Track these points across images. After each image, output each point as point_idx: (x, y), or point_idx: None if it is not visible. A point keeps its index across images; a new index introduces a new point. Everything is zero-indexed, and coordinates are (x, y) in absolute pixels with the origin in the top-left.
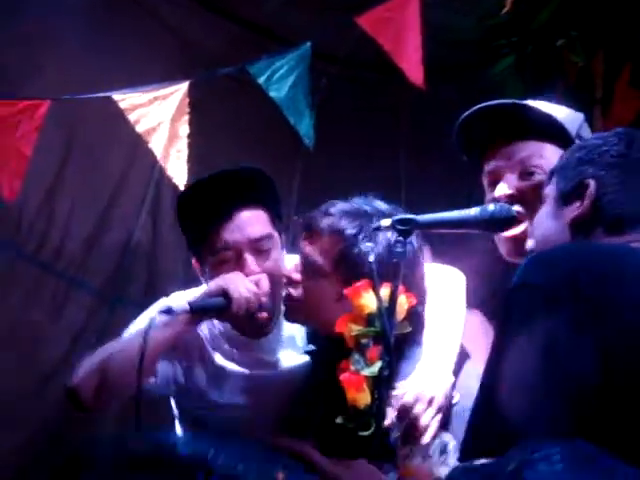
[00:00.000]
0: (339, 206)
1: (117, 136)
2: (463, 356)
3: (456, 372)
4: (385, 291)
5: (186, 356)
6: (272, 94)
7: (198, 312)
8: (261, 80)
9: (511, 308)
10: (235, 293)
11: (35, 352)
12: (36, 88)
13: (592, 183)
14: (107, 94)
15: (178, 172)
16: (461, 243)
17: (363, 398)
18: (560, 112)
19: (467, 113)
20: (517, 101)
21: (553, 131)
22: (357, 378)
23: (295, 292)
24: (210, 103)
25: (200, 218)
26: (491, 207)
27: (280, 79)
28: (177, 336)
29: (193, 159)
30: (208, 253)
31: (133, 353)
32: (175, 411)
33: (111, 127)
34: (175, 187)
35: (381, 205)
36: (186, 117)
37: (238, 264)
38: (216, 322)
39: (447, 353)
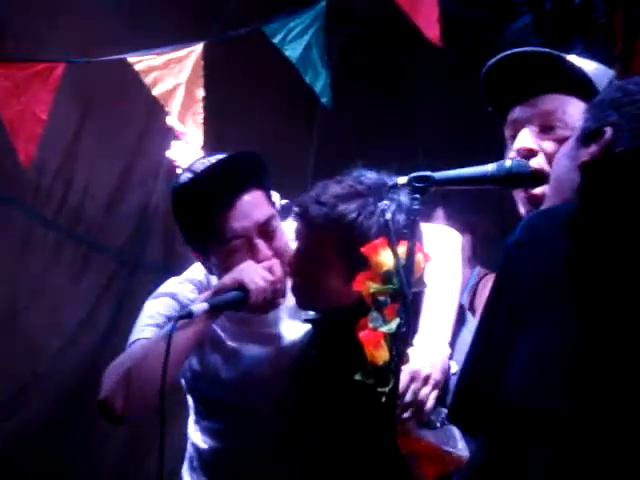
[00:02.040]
0: (331, 191)
1: (134, 99)
2: (460, 319)
3: (454, 336)
4: (402, 249)
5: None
6: (287, 54)
7: (217, 309)
8: (276, 40)
9: (505, 266)
10: (252, 284)
11: (56, 316)
12: (51, 51)
13: (609, 131)
14: (122, 56)
15: (194, 135)
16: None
17: (382, 355)
18: (590, 66)
19: (495, 59)
20: (552, 51)
21: (581, 85)
22: (375, 335)
23: (298, 281)
24: (226, 65)
25: (204, 212)
26: (508, 163)
27: (295, 39)
28: (199, 335)
29: (209, 122)
30: (216, 245)
31: (158, 358)
32: (189, 398)
33: (128, 90)
34: None
35: (373, 179)
36: (202, 79)
37: (249, 251)
38: None
39: (444, 323)
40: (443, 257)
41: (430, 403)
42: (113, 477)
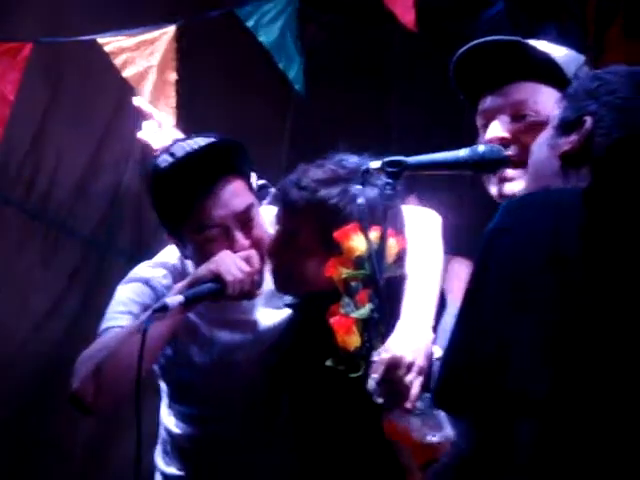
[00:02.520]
0: (312, 175)
1: (104, 81)
2: (441, 304)
3: (436, 321)
4: (374, 234)
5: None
6: (261, 38)
7: (193, 302)
8: (249, 24)
9: (485, 252)
10: (228, 276)
11: (26, 300)
12: (19, 29)
13: (589, 121)
14: (92, 37)
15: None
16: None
17: (353, 341)
18: (559, 52)
19: (464, 48)
20: (516, 38)
21: (550, 72)
22: (347, 321)
23: (277, 266)
24: (198, 48)
25: (180, 198)
26: (481, 148)
27: (269, 23)
28: (173, 328)
29: (182, 106)
30: (192, 231)
31: (132, 351)
32: (162, 383)
33: (98, 72)
34: None
35: (355, 163)
36: (174, 62)
37: (226, 240)
38: None
39: (426, 307)
40: (424, 240)
41: (415, 390)
42: (85, 460)
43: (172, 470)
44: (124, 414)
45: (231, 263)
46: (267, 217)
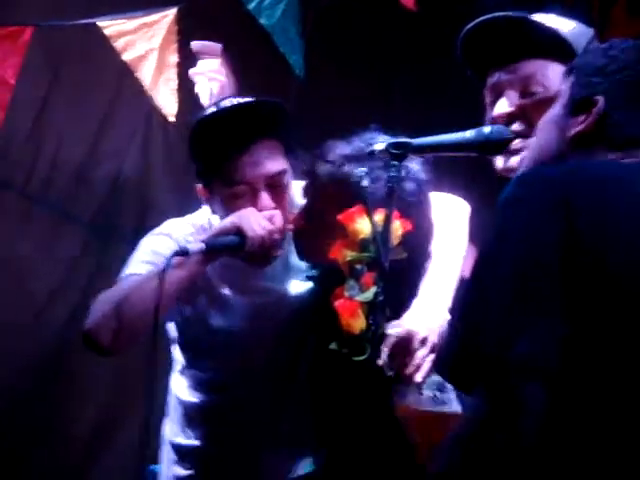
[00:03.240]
0: (340, 150)
1: (105, 65)
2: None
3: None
4: (379, 216)
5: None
6: (262, 21)
7: (213, 251)
8: (251, 6)
9: (499, 221)
10: (250, 231)
11: (26, 287)
12: (20, 13)
13: (601, 100)
14: (91, 20)
15: (168, 102)
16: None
17: (358, 324)
18: (568, 26)
19: (471, 25)
20: (522, 14)
21: (558, 48)
22: (351, 304)
23: (301, 237)
24: (199, 31)
25: (217, 149)
26: (487, 129)
27: (270, 6)
28: (192, 276)
29: (183, 89)
30: (222, 185)
31: (150, 294)
32: (174, 336)
33: (98, 55)
34: (165, 118)
35: (381, 140)
36: (175, 45)
37: (253, 199)
38: None
39: (444, 290)
40: (451, 226)
41: (427, 366)
42: (85, 449)
43: (181, 440)
44: (124, 402)
45: (254, 219)
46: (297, 191)
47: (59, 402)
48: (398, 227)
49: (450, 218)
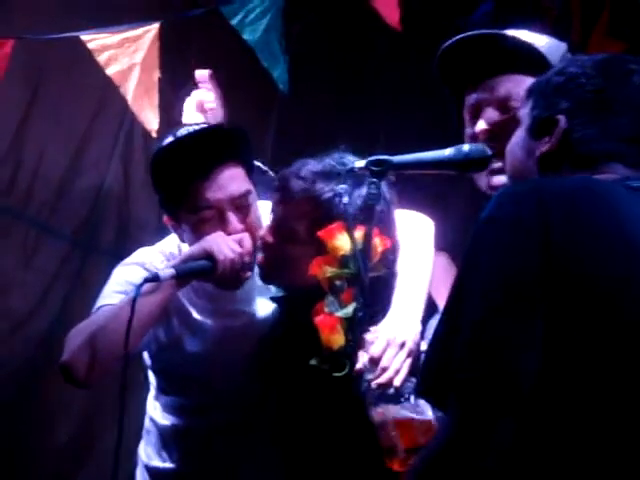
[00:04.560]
0: (311, 167)
1: (87, 79)
2: (431, 308)
3: (424, 323)
4: (359, 233)
5: (165, 314)
6: (245, 36)
7: (184, 277)
8: (234, 22)
9: (477, 242)
10: (220, 255)
11: (6, 301)
12: (1, 27)
13: (562, 120)
14: (74, 34)
15: (150, 118)
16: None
17: (337, 340)
18: (541, 41)
19: (447, 44)
20: (495, 31)
21: (534, 62)
22: (331, 320)
23: (268, 255)
24: (182, 46)
25: (179, 177)
26: (466, 147)
27: (254, 21)
28: (164, 302)
29: (165, 104)
30: (188, 212)
31: (123, 324)
32: (150, 374)
33: (80, 69)
34: (147, 133)
35: (352, 162)
36: (157, 60)
37: (220, 222)
38: None
39: (416, 301)
40: (416, 243)
41: (405, 370)
42: (66, 459)
43: (156, 463)
44: (106, 411)
45: (223, 243)
46: (263, 211)
47: (37, 415)
48: (378, 244)
49: (415, 235)
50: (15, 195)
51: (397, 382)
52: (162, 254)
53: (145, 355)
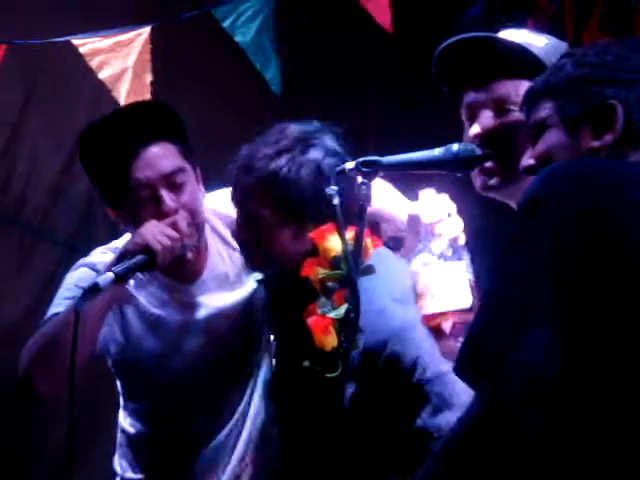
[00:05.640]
0: (257, 153)
1: (79, 83)
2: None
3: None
4: (350, 234)
5: (120, 312)
6: (237, 39)
7: (124, 277)
8: (226, 24)
9: (520, 222)
10: (156, 245)
11: (1, 305)
12: None
13: (619, 106)
14: (67, 38)
15: None
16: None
17: (330, 341)
18: (539, 42)
19: (441, 46)
20: (487, 34)
21: (529, 66)
22: (323, 320)
23: (248, 251)
24: (174, 49)
25: (107, 161)
26: (455, 147)
27: (245, 23)
28: (109, 304)
29: None
30: (122, 196)
31: (68, 336)
32: (113, 371)
33: (73, 74)
34: None
35: (297, 130)
36: (149, 64)
37: (155, 204)
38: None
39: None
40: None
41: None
42: (59, 464)
43: (130, 474)
44: (100, 413)
45: (157, 232)
46: (222, 200)
47: (32, 421)
48: (369, 245)
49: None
50: (9, 200)
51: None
52: (114, 252)
53: (109, 362)
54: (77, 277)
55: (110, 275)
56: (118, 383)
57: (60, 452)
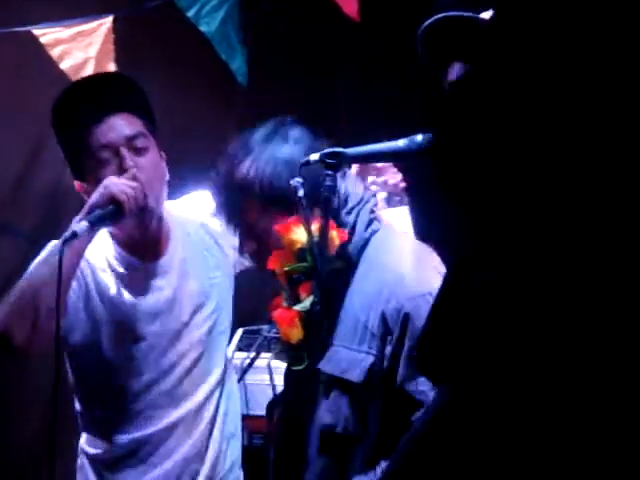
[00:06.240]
0: (223, 173)
1: (42, 74)
2: None
3: None
4: (315, 226)
5: (86, 293)
6: (202, 28)
7: (97, 225)
8: (190, 14)
9: None
10: (122, 195)
11: None
12: None
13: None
14: (26, 28)
15: None
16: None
17: (296, 333)
18: None
19: (425, 25)
20: (473, 15)
21: None
22: (289, 313)
23: (260, 258)
24: (137, 38)
25: (75, 124)
26: (419, 137)
27: (210, 13)
28: (81, 253)
29: None
30: (87, 159)
31: (44, 282)
32: (72, 380)
33: (35, 64)
34: None
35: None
36: (112, 54)
37: (117, 165)
38: (111, 247)
39: None
40: None
41: None
42: (31, 456)
43: None
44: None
45: (119, 183)
46: (201, 199)
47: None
48: (335, 237)
49: None
50: None
51: None
52: None
53: (68, 367)
54: (47, 247)
55: (85, 223)
56: (78, 404)
57: (32, 443)
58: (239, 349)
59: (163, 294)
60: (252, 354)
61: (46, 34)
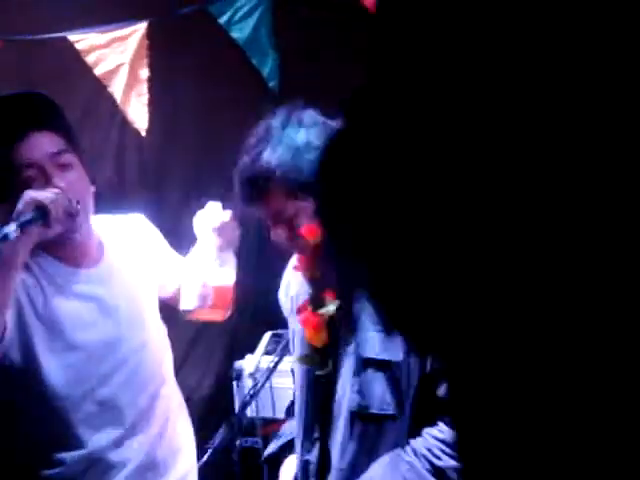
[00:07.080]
0: (240, 180)
1: (76, 79)
2: None
3: None
4: None
5: (16, 310)
6: (234, 35)
7: (26, 226)
8: (222, 20)
9: None
10: (46, 200)
11: None
12: None
13: None
14: (63, 34)
15: (139, 117)
16: None
17: (320, 337)
18: None
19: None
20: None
21: None
22: (314, 317)
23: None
24: (171, 45)
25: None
26: None
27: (242, 19)
28: (13, 265)
29: (153, 103)
30: (12, 176)
31: None
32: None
33: (70, 70)
34: (137, 132)
35: (263, 125)
36: (146, 59)
37: (43, 182)
38: (44, 259)
39: None
40: None
41: None
42: None
43: None
44: None
45: (40, 191)
46: (213, 211)
47: None
48: None
49: None
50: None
51: None
52: None
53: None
54: None
55: (14, 226)
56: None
57: None
58: (267, 352)
59: (100, 301)
60: (276, 358)
61: (82, 40)
